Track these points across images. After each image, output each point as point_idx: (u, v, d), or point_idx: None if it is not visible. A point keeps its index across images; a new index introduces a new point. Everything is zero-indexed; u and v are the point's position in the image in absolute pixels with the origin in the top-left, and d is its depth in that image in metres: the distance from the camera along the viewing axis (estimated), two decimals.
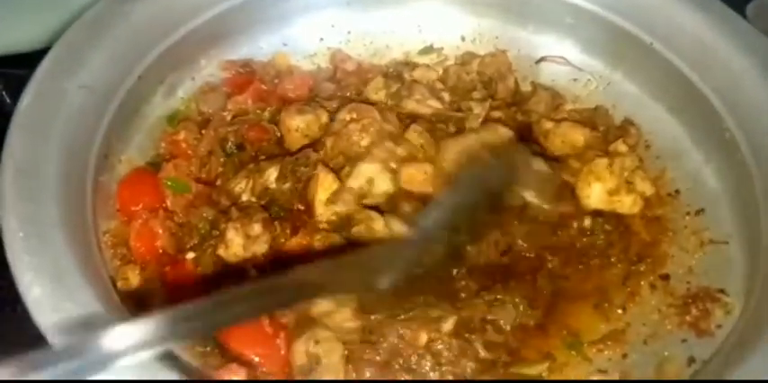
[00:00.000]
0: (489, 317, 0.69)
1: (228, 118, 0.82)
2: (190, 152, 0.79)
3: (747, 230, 0.74)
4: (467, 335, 0.67)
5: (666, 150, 0.83)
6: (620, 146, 0.79)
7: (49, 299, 0.53)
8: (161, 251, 0.71)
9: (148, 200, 0.74)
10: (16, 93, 0.66)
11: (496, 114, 0.83)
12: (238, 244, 0.69)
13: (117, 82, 0.73)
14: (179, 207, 0.74)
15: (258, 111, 0.83)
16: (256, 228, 0.69)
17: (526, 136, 0.83)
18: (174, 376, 0.53)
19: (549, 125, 0.82)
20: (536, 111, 0.85)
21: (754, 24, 0.80)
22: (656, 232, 0.78)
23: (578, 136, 0.81)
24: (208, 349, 0.66)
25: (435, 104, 0.83)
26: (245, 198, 0.75)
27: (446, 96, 0.84)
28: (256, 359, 0.65)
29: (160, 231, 0.71)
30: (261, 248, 0.70)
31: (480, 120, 0.80)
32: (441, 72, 0.90)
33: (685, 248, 0.77)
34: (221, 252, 0.69)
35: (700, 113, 0.79)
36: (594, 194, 0.76)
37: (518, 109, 0.85)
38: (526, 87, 0.90)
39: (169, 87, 0.82)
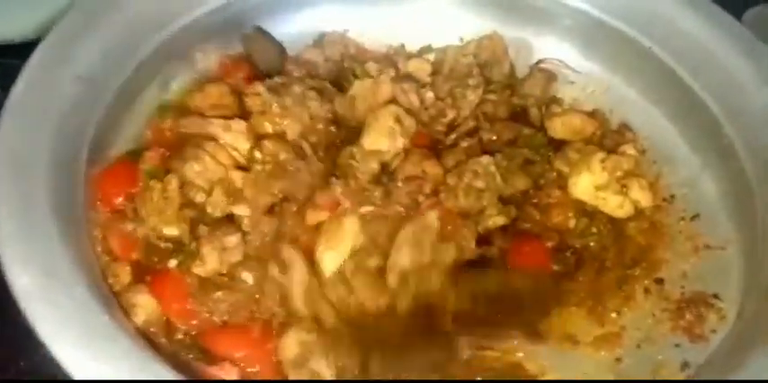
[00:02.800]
0: None
1: None
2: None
3: (743, 236, 0.74)
4: None
5: (663, 155, 0.83)
6: (629, 149, 0.79)
7: (38, 291, 0.52)
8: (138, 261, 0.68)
9: (130, 190, 0.70)
10: (8, 84, 0.65)
11: (491, 97, 0.83)
12: (214, 259, 0.66)
13: (111, 73, 0.71)
14: None
15: None
16: (233, 240, 0.67)
17: (522, 120, 0.83)
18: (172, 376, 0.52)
19: (557, 110, 0.83)
20: (531, 95, 0.85)
21: (750, 31, 0.81)
22: (650, 237, 0.78)
23: (577, 119, 0.81)
24: (191, 356, 0.64)
25: (414, 100, 0.81)
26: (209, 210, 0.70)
27: (429, 97, 0.82)
28: (246, 359, 0.64)
29: (138, 239, 0.68)
30: (235, 257, 0.67)
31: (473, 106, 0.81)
32: (433, 60, 0.89)
33: (680, 253, 0.77)
34: (198, 270, 0.66)
35: (697, 118, 0.80)
36: (581, 184, 0.76)
37: (513, 92, 0.85)
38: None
39: (164, 80, 0.81)
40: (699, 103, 0.79)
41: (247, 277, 0.67)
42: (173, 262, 0.67)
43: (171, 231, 0.67)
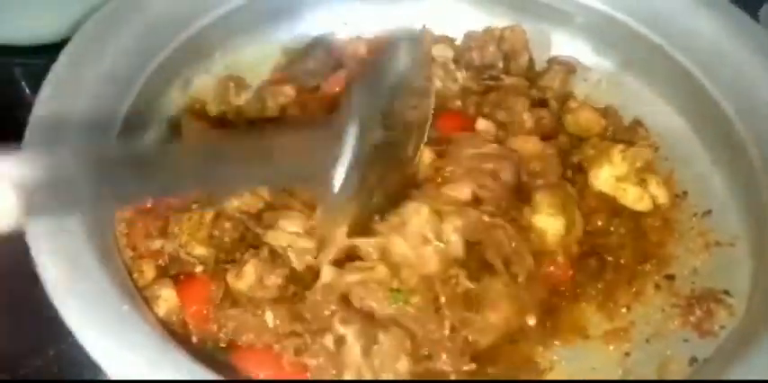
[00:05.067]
0: None
1: None
2: None
3: (754, 233, 0.74)
4: None
5: (675, 152, 0.83)
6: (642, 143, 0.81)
7: (65, 282, 0.54)
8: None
9: None
10: (36, 84, 0.67)
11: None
12: (247, 281, 0.66)
13: (134, 74, 0.74)
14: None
15: None
16: (273, 279, 0.66)
17: None
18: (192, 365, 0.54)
19: (574, 105, 0.84)
20: (550, 87, 0.86)
21: (766, 28, 0.81)
22: (662, 233, 0.78)
23: (583, 117, 0.82)
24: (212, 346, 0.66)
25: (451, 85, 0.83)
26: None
27: (459, 77, 0.83)
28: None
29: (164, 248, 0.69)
30: (267, 294, 0.66)
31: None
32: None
33: (691, 249, 0.77)
34: (230, 279, 0.66)
35: (709, 115, 0.80)
36: (602, 175, 0.77)
37: (532, 85, 0.86)
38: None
39: (185, 81, 0.83)
40: (711, 100, 0.79)
41: (269, 317, 0.65)
42: (199, 268, 0.68)
43: (200, 251, 0.69)
